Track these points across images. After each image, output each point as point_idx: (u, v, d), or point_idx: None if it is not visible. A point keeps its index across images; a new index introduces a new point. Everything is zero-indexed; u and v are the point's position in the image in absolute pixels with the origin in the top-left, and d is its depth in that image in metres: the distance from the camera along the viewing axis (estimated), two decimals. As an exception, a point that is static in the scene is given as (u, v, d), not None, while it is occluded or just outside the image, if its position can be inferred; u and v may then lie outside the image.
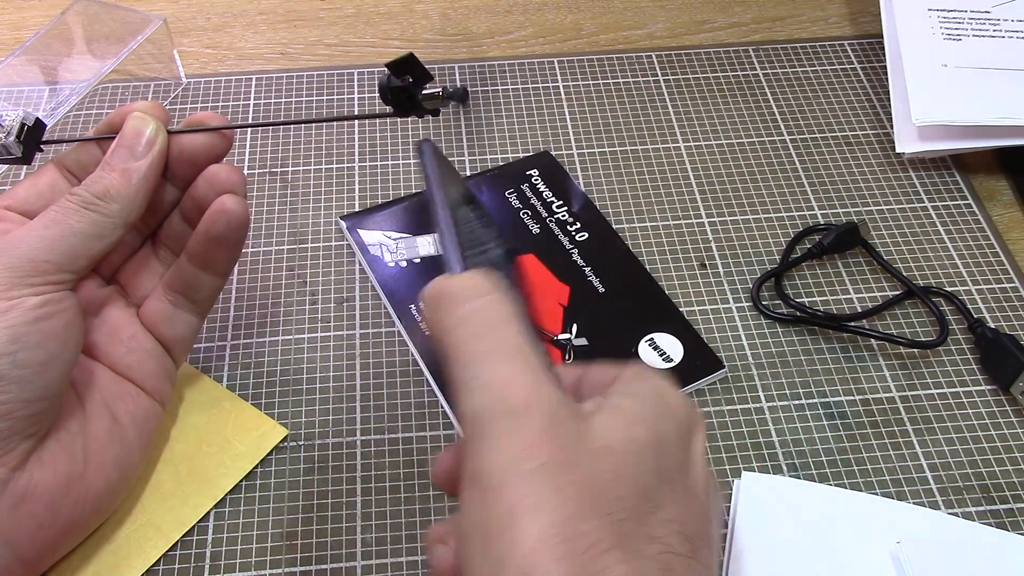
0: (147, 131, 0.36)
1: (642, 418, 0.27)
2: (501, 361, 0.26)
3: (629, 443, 0.26)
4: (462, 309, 0.27)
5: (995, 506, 0.39)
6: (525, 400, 0.25)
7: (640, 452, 0.26)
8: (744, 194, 0.52)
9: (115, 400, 0.36)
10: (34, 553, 0.33)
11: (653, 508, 0.25)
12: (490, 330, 0.26)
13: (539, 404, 0.25)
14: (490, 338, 0.26)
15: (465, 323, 0.27)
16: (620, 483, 0.25)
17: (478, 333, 0.26)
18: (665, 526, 0.25)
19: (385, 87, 0.37)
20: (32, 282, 0.32)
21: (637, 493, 0.25)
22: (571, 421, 0.25)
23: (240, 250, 0.39)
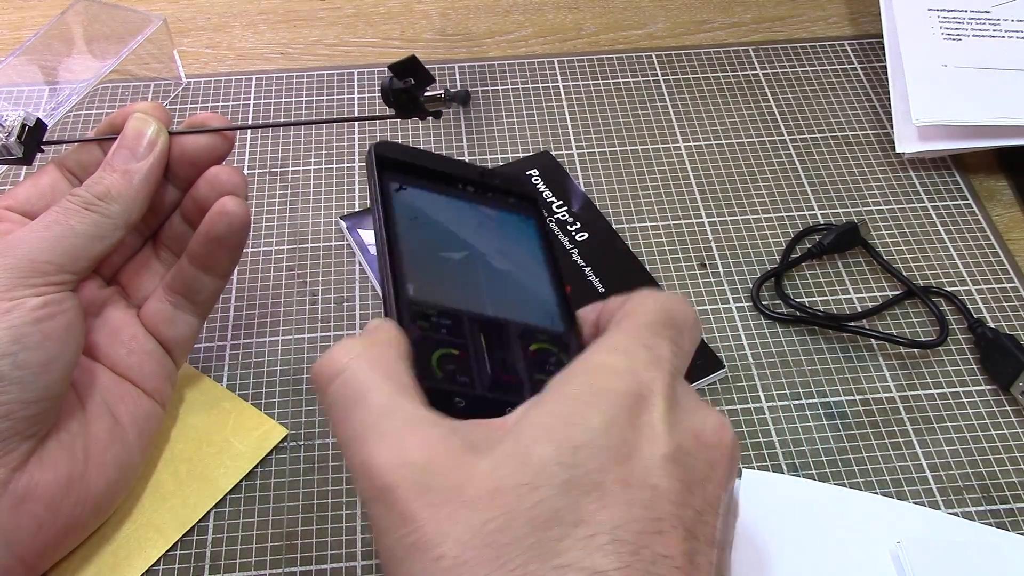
0: (148, 132, 0.36)
1: (550, 431, 0.25)
2: (362, 443, 0.26)
3: (524, 472, 0.24)
4: (327, 393, 0.27)
5: (995, 506, 0.39)
6: (387, 480, 0.24)
7: (539, 476, 0.24)
8: (744, 194, 0.52)
9: (116, 401, 0.36)
10: (34, 553, 0.33)
11: (567, 530, 0.23)
12: (349, 411, 0.26)
13: (402, 479, 0.24)
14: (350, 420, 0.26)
15: (331, 407, 0.27)
16: (512, 525, 0.23)
17: (341, 417, 0.27)
18: (586, 544, 0.23)
19: (387, 89, 0.37)
20: (33, 283, 0.32)
21: (538, 527, 0.23)
22: (448, 476, 0.24)
23: (241, 251, 0.39)
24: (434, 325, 0.30)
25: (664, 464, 0.25)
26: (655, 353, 0.28)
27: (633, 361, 0.27)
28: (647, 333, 0.28)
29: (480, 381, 0.29)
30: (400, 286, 0.31)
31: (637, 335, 0.28)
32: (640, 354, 0.27)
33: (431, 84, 0.37)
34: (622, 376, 0.27)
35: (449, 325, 0.30)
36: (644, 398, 0.26)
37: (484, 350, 0.30)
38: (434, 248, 0.33)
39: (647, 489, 0.24)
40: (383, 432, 0.25)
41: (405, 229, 0.32)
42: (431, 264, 0.32)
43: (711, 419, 0.28)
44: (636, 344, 0.28)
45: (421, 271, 0.31)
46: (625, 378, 0.26)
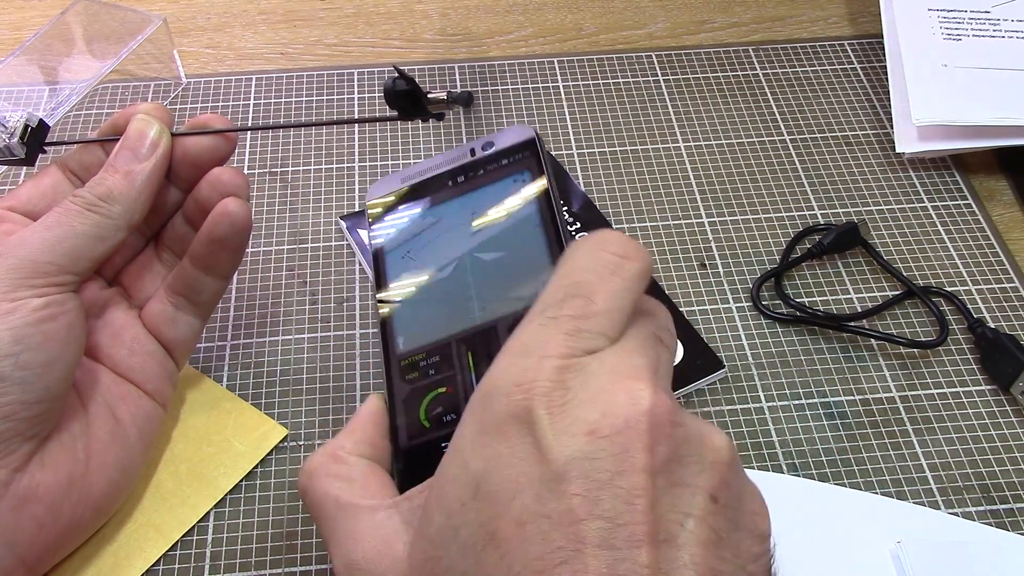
0: (151, 133, 0.36)
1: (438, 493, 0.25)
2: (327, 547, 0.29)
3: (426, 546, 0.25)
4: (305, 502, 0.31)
5: (995, 506, 0.39)
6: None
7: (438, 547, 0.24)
8: (744, 194, 0.52)
9: (117, 401, 0.36)
10: (35, 554, 0.33)
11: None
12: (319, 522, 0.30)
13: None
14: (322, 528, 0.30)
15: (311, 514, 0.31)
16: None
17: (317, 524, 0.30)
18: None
19: (390, 91, 0.37)
20: (35, 284, 0.32)
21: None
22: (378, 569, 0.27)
23: (242, 253, 0.39)
24: (423, 371, 0.32)
25: (553, 487, 0.23)
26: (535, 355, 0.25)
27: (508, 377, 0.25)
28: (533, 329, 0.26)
29: None
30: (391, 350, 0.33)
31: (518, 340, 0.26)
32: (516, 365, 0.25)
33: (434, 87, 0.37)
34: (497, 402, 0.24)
35: (437, 363, 0.32)
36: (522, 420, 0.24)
37: (471, 371, 0.31)
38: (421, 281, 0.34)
39: (542, 520, 0.22)
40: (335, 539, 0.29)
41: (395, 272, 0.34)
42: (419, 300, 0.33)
43: (617, 398, 0.24)
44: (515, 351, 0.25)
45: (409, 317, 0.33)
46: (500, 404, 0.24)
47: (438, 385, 0.31)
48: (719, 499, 0.24)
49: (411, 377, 0.31)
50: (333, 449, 0.31)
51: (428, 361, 0.31)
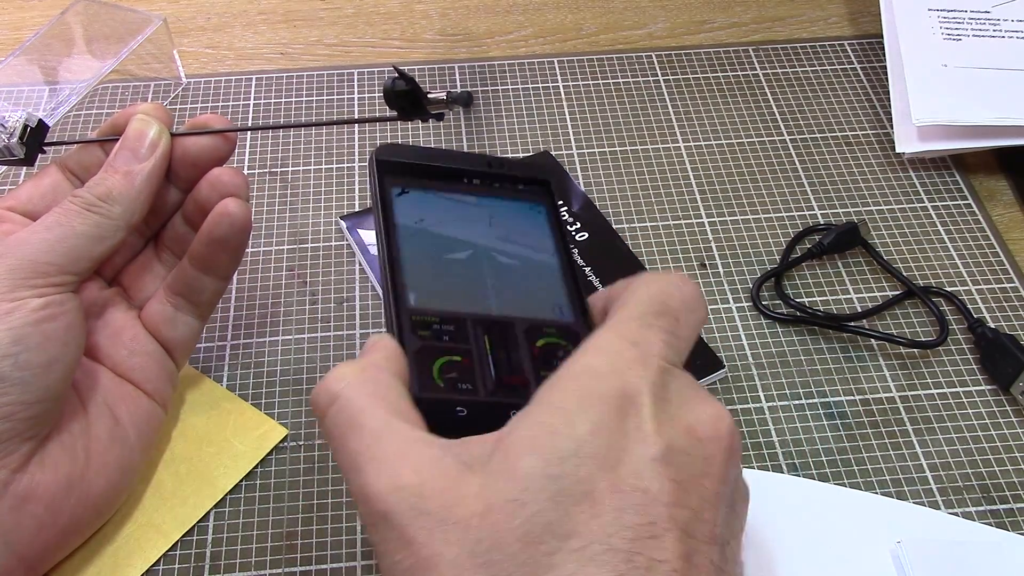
0: (150, 133, 0.36)
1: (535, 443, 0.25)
2: (358, 470, 0.26)
3: (512, 487, 0.24)
4: (325, 420, 0.28)
5: (995, 506, 0.39)
6: (383, 505, 0.25)
7: (527, 491, 0.24)
8: (744, 194, 0.52)
9: (117, 402, 0.36)
10: (35, 554, 0.33)
11: (560, 543, 0.23)
12: (345, 438, 0.27)
13: (397, 504, 0.25)
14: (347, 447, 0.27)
15: (329, 434, 0.27)
16: (504, 543, 0.23)
17: (339, 443, 0.27)
18: (579, 556, 0.23)
19: (390, 91, 0.37)
20: (34, 284, 0.32)
21: (530, 542, 0.23)
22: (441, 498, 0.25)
23: (242, 253, 0.39)
24: (436, 333, 0.30)
25: (654, 466, 0.25)
26: (642, 349, 0.27)
27: (618, 361, 0.27)
28: (636, 327, 0.28)
29: (483, 386, 0.29)
30: (400, 298, 0.31)
31: (625, 331, 0.28)
32: (625, 353, 0.27)
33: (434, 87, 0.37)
34: (607, 378, 0.26)
35: (451, 331, 0.30)
36: (631, 399, 0.26)
37: (488, 353, 0.30)
38: (437, 251, 0.33)
39: (638, 493, 0.24)
40: (377, 458, 0.26)
41: (407, 235, 0.32)
42: (434, 269, 0.32)
43: (707, 410, 0.27)
44: (622, 342, 0.27)
45: (423, 278, 0.31)
46: (610, 380, 0.26)
47: (452, 352, 0.30)
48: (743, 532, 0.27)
49: (423, 334, 0.30)
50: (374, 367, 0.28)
51: (442, 327, 0.30)
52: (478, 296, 0.32)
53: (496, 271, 0.33)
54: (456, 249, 0.33)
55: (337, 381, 0.28)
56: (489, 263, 0.33)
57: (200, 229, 0.37)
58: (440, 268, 0.32)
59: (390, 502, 0.25)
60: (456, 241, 0.33)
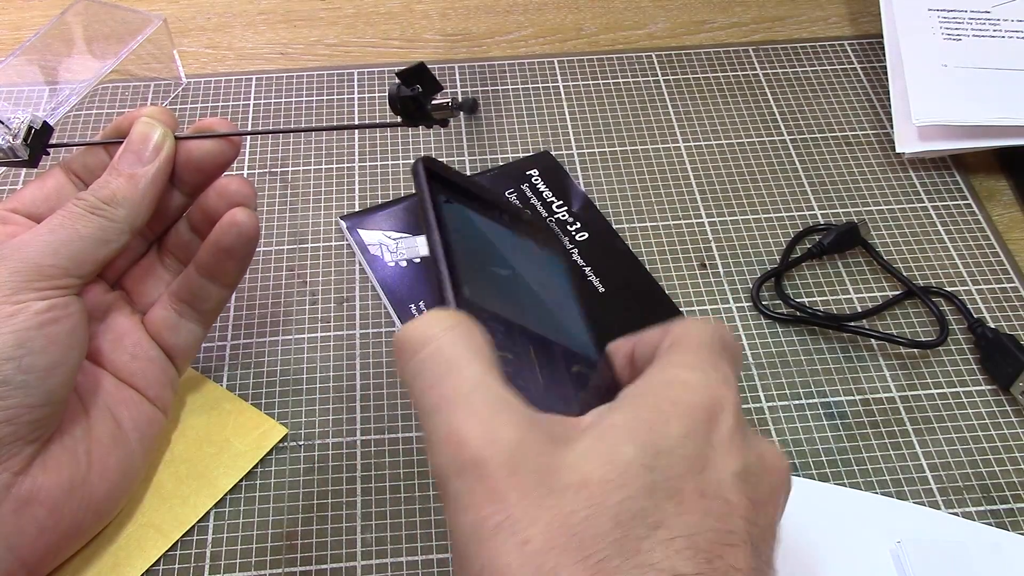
0: (154, 136, 0.36)
1: (633, 433, 0.25)
2: (451, 412, 0.25)
3: (611, 469, 0.24)
4: (415, 359, 0.26)
5: (995, 506, 0.39)
6: (476, 453, 0.24)
7: (625, 475, 0.24)
8: (744, 194, 0.52)
9: (118, 406, 0.36)
10: (36, 557, 0.33)
11: (648, 531, 0.23)
12: (439, 379, 0.26)
13: (493, 455, 0.24)
14: (440, 388, 0.26)
15: (417, 375, 0.26)
16: (598, 518, 0.23)
17: (429, 384, 0.26)
18: (666, 547, 0.23)
19: (395, 96, 0.37)
20: (38, 286, 0.32)
21: (622, 523, 0.23)
22: (538, 460, 0.24)
23: (248, 262, 0.39)
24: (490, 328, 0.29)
25: (735, 480, 0.26)
26: (723, 372, 0.28)
27: (706, 378, 0.27)
28: (710, 354, 0.29)
29: (534, 389, 0.29)
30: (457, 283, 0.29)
31: (705, 356, 0.29)
32: (711, 373, 0.28)
33: (439, 92, 0.37)
34: (697, 390, 0.27)
35: (503, 331, 0.30)
36: (717, 414, 0.27)
37: (535, 361, 0.30)
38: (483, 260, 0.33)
39: (721, 501, 0.25)
40: (475, 406, 0.25)
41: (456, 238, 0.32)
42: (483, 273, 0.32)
43: (770, 446, 0.28)
44: (706, 362, 0.28)
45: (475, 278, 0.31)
46: (700, 392, 0.27)
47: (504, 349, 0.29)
48: None
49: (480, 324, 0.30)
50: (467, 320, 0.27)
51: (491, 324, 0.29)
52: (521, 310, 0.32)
53: (532, 296, 0.34)
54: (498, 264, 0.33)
55: (435, 324, 0.27)
56: (525, 286, 0.34)
57: (207, 238, 0.37)
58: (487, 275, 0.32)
59: (487, 452, 0.24)
60: (497, 257, 0.34)
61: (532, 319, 0.32)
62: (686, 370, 0.28)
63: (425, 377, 0.26)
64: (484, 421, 0.24)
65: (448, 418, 0.25)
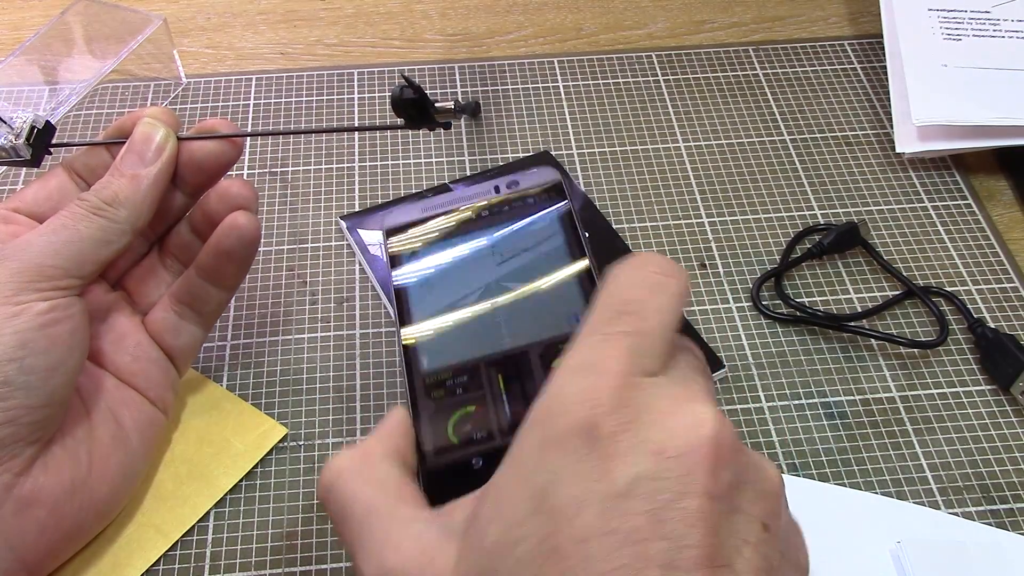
0: (157, 137, 0.36)
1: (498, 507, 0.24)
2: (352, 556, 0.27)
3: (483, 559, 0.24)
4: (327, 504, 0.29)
5: (995, 506, 0.39)
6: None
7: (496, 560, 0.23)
8: (744, 194, 0.52)
9: (119, 407, 0.36)
10: (37, 558, 0.33)
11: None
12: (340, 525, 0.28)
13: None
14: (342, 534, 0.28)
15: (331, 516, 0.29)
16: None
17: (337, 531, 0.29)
18: None
19: (398, 99, 0.37)
20: (40, 287, 0.32)
21: None
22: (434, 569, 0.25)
23: (249, 265, 0.39)
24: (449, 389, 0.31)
25: (618, 504, 0.23)
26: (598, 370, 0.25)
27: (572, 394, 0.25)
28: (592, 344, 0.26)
29: (498, 430, 0.30)
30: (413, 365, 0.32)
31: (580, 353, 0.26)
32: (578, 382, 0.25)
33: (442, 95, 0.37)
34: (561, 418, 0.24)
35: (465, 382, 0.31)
36: (588, 435, 0.24)
37: (502, 392, 0.31)
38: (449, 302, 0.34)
39: (605, 537, 0.22)
40: (364, 544, 0.27)
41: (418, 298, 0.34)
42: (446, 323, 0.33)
43: (682, 420, 0.24)
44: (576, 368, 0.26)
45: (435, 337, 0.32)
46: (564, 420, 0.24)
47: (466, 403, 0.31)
48: (771, 528, 0.24)
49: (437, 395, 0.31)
50: (364, 452, 0.30)
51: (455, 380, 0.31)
52: (491, 336, 0.33)
53: (508, 303, 0.34)
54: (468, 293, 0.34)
55: (330, 470, 0.29)
56: (502, 297, 0.34)
57: (208, 241, 0.37)
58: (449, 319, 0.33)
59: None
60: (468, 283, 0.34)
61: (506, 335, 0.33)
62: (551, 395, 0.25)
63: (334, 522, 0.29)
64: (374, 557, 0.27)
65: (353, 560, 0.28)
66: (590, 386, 0.25)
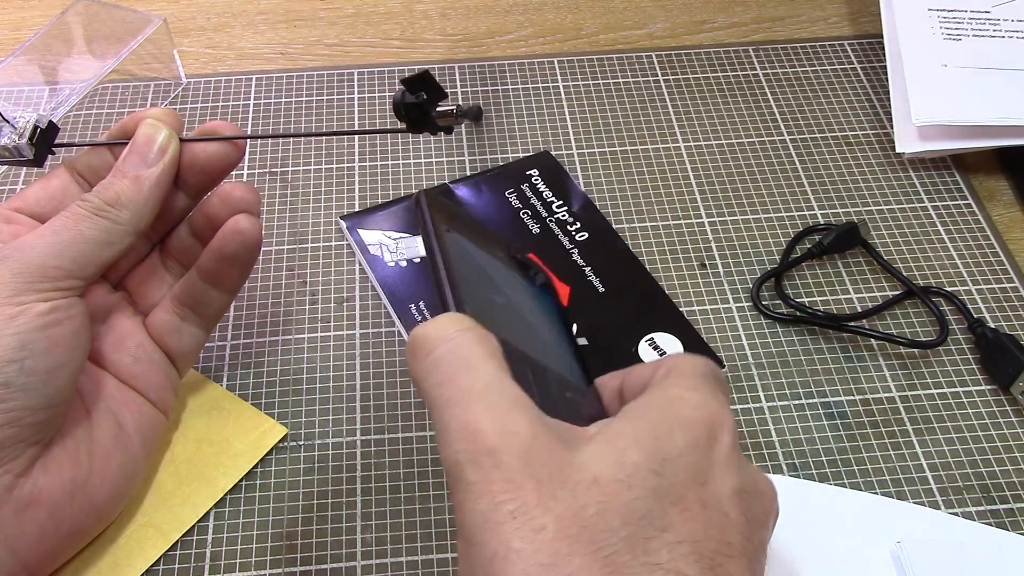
0: (159, 138, 0.36)
1: (639, 440, 0.26)
2: (467, 405, 0.26)
3: (620, 470, 0.25)
4: (430, 356, 0.27)
5: (995, 506, 0.39)
6: (493, 443, 0.25)
7: (633, 477, 0.25)
8: (744, 194, 0.52)
9: (120, 408, 0.36)
10: (37, 559, 0.33)
11: (655, 533, 0.24)
12: (455, 374, 0.27)
13: (508, 446, 0.25)
14: (456, 383, 0.26)
15: (433, 370, 0.27)
16: (608, 515, 0.24)
17: (445, 379, 0.27)
18: (672, 549, 0.24)
19: (399, 103, 0.37)
20: (41, 288, 0.32)
21: (630, 522, 0.24)
22: (551, 455, 0.25)
23: (251, 268, 0.39)
24: None
25: (733, 497, 0.26)
26: (719, 396, 0.29)
27: (707, 399, 0.28)
28: (706, 381, 0.29)
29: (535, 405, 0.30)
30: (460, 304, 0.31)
31: (701, 382, 0.29)
32: (711, 394, 0.29)
33: (443, 99, 0.37)
34: (699, 408, 0.28)
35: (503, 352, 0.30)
36: (716, 433, 0.27)
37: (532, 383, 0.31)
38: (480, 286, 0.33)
39: (721, 514, 0.26)
40: (490, 400, 0.26)
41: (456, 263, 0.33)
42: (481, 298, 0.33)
43: (761, 473, 0.29)
44: (703, 387, 0.29)
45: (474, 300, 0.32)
46: (701, 410, 0.28)
47: None
48: None
49: None
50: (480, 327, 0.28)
51: None
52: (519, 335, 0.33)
53: (526, 324, 0.35)
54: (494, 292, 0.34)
55: (451, 325, 0.28)
56: (520, 315, 0.35)
57: (210, 244, 0.37)
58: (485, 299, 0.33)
59: (503, 443, 0.25)
60: (493, 285, 0.34)
61: (528, 345, 0.33)
62: (686, 391, 0.29)
63: (440, 372, 0.27)
64: (500, 415, 0.25)
65: (464, 410, 0.26)
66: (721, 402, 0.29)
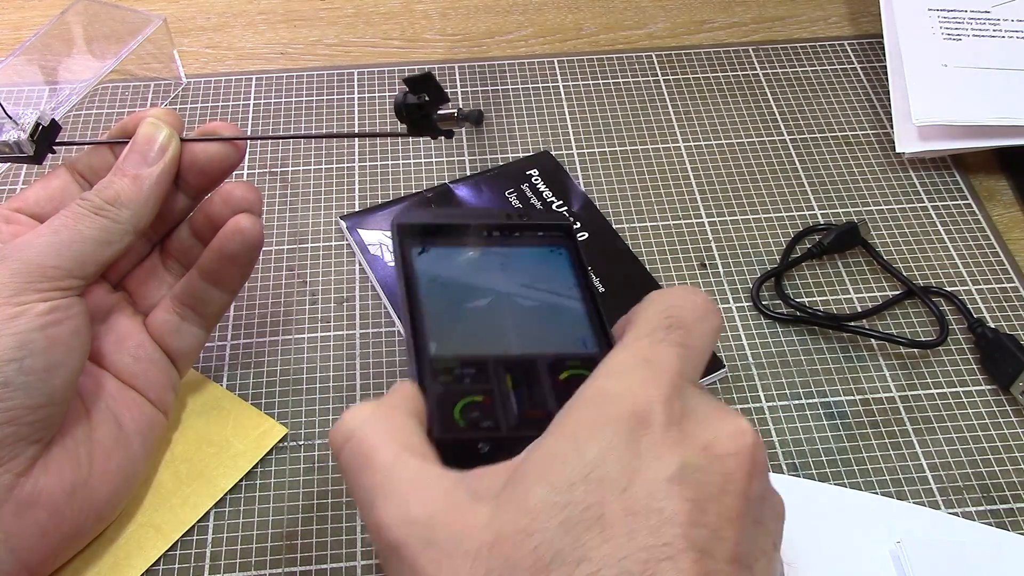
0: (160, 137, 0.36)
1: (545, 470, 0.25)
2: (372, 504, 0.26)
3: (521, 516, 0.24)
4: (340, 456, 0.28)
5: (995, 506, 0.39)
6: (395, 537, 0.25)
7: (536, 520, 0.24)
8: (744, 194, 0.52)
9: (120, 407, 0.36)
10: (37, 559, 0.33)
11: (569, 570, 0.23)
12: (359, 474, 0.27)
13: (409, 536, 0.25)
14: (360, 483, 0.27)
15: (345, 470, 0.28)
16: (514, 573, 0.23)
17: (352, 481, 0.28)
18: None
19: (401, 105, 0.37)
20: (40, 287, 0.32)
21: (540, 570, 0.23)
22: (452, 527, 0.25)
23: (252, 268, 0.39)
24: (457, 377, 0.31)
25: (667, 486, 0.24)
26: (654, 366, 0.27)
27: (629, 381, 0.27)
28: (647, 344, 0.28)
29: (505, 421, 0.30)
30: (421, 348, 0.32)
31: (636, 349, 0.28)
32: (637, 372, 0.27)
33: (445, 102, 0.37)
34: (618, 400, 0.26)
35: (473, 374, 0.31)
36: (643, 419, 0.26)
37: (510, 390, 0.31)
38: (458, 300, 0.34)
39: (652, 514, 0.24)
40: (388, 492, 0.26)
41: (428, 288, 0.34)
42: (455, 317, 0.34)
43: (726, 426, 0.26)
44: (633, 360, 0.27)
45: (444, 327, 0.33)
46: (621, 401, 0.26)
47: (473, 393, 0.31)
48: (777, 548, 0.27)
49: (444, 380, 0.31)
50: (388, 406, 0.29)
51: (463, 371, 0.32)
52: (499, 338, 0.33)
53: (517, 314, 0.34)
54: (477, 297, 0.34)
55: (352, 419, 0.28)
56: (510, 307, 0.35)
57: (211, 244, 0.37)
58: (461, 316, 0.34)
59: (401, 534, 0.25)
60: (477, 289, 0.35)
61: (515, 341, 0.33)
62: (609, 378, 0.27)
63: (349, 472, 0.28)
64: (397, 505, 0.26)
65: (370, 510, 0.26)
66: (651, 376, 0.27)
